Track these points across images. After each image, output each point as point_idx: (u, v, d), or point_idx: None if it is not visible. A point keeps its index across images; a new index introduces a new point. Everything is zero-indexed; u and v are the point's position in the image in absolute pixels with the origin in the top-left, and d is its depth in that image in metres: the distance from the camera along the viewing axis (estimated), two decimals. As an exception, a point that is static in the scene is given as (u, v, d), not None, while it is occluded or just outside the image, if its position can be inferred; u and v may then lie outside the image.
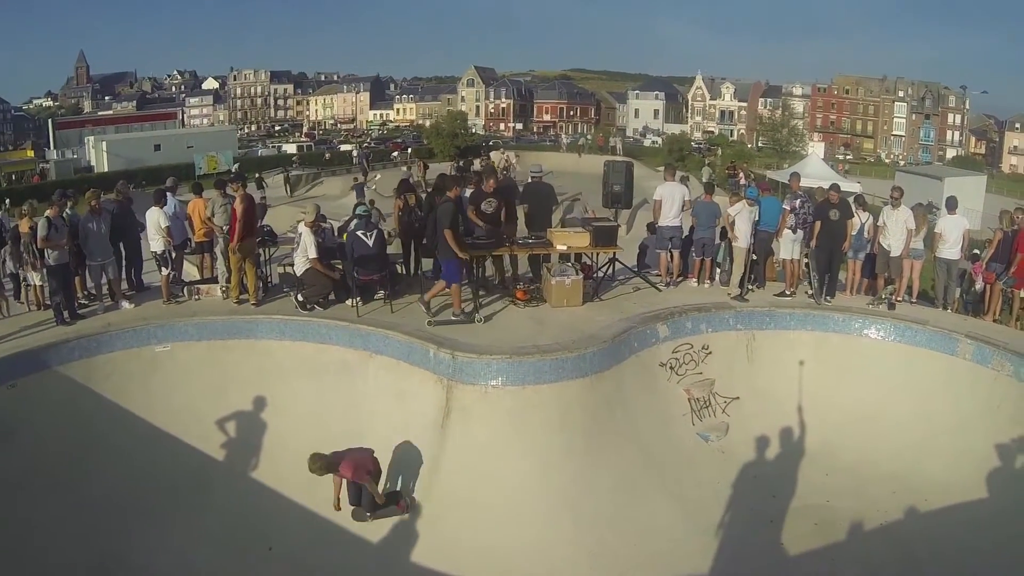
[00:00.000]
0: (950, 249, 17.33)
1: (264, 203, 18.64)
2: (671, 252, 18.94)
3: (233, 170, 61.95)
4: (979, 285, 18.55)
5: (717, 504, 14.02)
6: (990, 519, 13.00)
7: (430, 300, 16.06)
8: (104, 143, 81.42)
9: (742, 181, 51.06)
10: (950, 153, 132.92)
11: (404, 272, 18.42)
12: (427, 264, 18.23)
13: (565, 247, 17.32)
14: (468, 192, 17.79)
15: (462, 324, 15.58)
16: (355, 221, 16.82)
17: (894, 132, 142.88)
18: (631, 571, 12.64)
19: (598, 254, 18.24)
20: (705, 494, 14.29)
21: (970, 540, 12.67)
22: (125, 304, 16.66)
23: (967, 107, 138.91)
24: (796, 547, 13.17)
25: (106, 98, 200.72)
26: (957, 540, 12.76)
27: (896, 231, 17.38)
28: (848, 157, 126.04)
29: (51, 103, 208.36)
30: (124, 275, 17.62)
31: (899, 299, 17.53)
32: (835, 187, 18.06)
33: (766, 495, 14.32)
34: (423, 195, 18.65)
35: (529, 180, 19.37)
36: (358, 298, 16.28)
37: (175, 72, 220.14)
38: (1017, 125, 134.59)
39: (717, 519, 13.70)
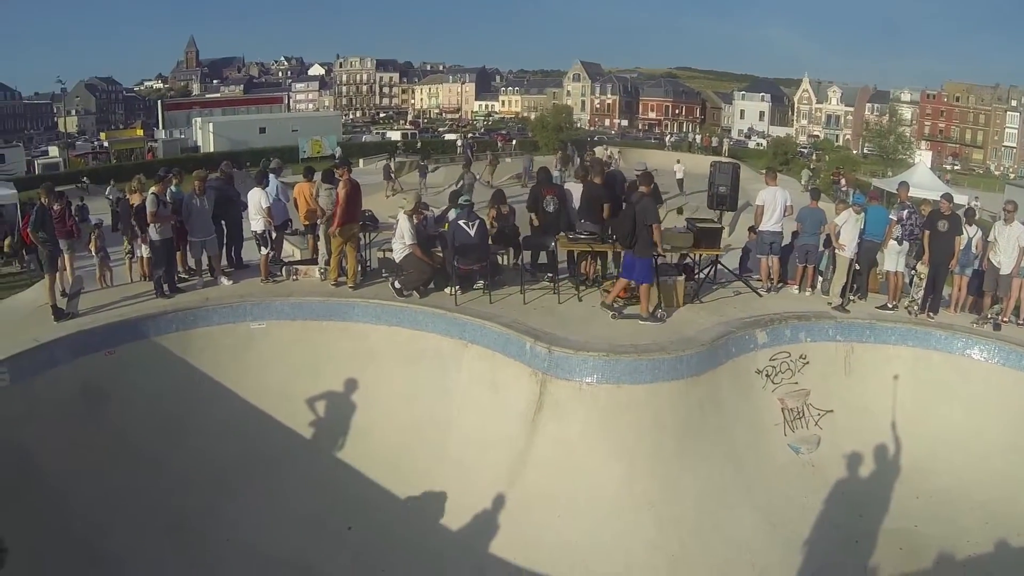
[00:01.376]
0: (1063, 271, 16.66)
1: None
2: (771, 257, 18.60)
3: (337, 155, 62.70)
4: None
5: (803, 519, 13.73)
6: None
7: (613, 301, 16.15)
8: (211, 124, 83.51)
9: (843, 187, 50.19)
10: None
11: (504, 263, 18.40)
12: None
13: (669, 247, 17.08)
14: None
15: (554, 319, 15.56)
16: (457, 211, 16.91)
17: (1005, 143, 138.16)
18: (711, 579, 12.47)
19: (700, 256, 18.01)
20: (792, 507, 14.01)
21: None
22: (224, 280, 17.01)
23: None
24: (881, 571, 12.87)
25: (214, 82, 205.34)
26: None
27: (1007, 248, 16.74)
28: (956, 167, 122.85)
29: (161, 85, 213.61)
30: (224, 252, 17.95)
31: (1006, 320, 16.92)
32: (947, 196, 17.56)
33: (853, 514, 13.96)
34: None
35: (634, 176, 19.19)
36: (457, 287, 16.36)
37: (282, 58, 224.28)
38: None
39: (802, 534, 13.41)
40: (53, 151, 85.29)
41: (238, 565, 12.26)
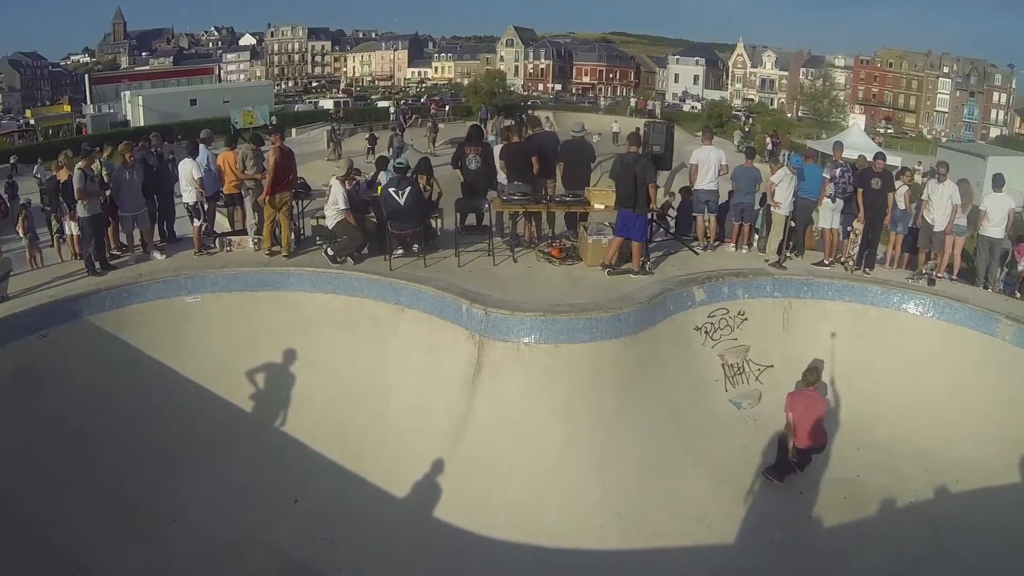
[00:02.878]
0: (994, 228, 16.95)
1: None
2: (708, 216, 18.66)
3: (270, 124, 62.15)
4: (1022, 266, 18.05)
5: (746, 472, 13.90)
6: (1021, 503, 12.85)
7: (612, 260, 16.28)
8: (140, 98, 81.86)
9: (769, 147, 50.61)
10: (993, 132, 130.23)
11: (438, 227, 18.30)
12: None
13: (603, 206, 17.03)
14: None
15: (490, 280, 15.52)
16: (387, 175, 16.77)
17: (937, 108, 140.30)
18: (658, 536, 12.58)
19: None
20: (735, 461, 14.18)
21: (999, 523, 12.50)
22: (157, 255, 16.66)
23: (1014, 86, 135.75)
24: (824, 520, 13.06)
25: (143, 54, 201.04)
26: (986, 523, 12.58)
27: (940, 205, 16.98)
28: (889, 131, 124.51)
29: (88, 59, 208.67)
30: (157, 226, 17.58)
31: (940, 275, 17.17)
32: (880, 155, 17.72)
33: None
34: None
35: (570, 137, 19.13)
36: (397, 251, 16.30)
37: (212, 28, 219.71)
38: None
39: (746, 487, 13.59)
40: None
41: (186, 543, 12.05)
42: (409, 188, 16.08)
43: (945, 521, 12.80)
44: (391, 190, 15.99)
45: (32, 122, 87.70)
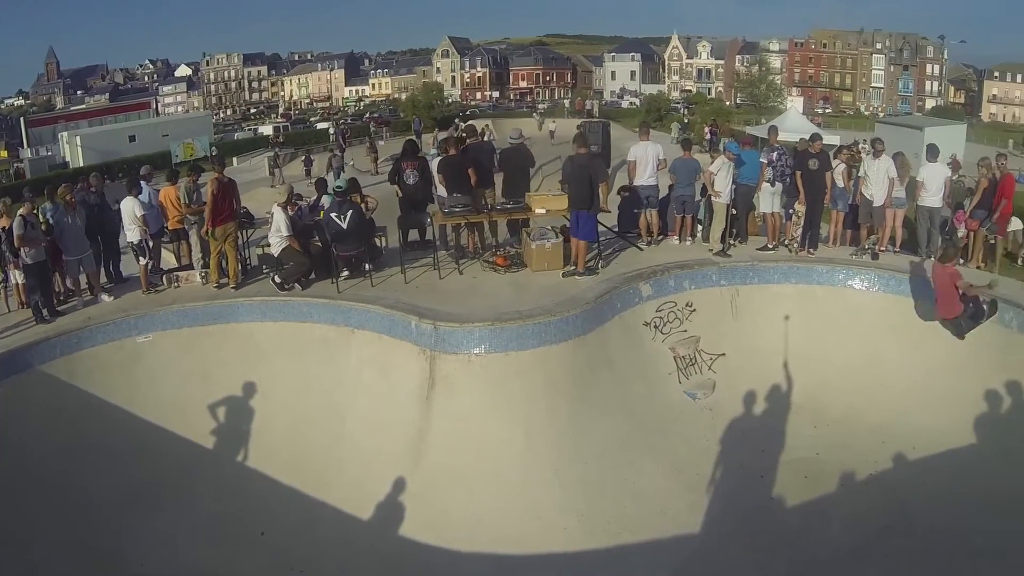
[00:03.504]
0: (932, 197, 17.22)
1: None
2: (649, 211, 18.84)
3: (211, 155, 61.85)
4: (961, 232, 18.40)
5: (706, 461, 14.04)
6: (978, 465, 13.05)
7: (583, 265, 16.52)
8: (78, 138, 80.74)
9: (708, 137, 51.07)
10: (929, 104, 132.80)
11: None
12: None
13: (544, 210, 17.19)
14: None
15: (437, 294, 15.62)
16: (327, 198, 16.88)
17: (873, 84, 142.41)
18: (623, 532, 12.67)
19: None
20: (694, 452, 14.32)
21: (959, 487, 12.71)
22: (104, 297, 16.46)
23: (945, 57, 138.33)
24: (787, 501, 13.23)
25: (78, 92, 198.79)
26: (946, 487, 12.80)
27: (878, 180, 17.20)
28: (827, 111, 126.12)
29: (22, 101, 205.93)
30: (103, 267, 17.43)
31: (882, 249, 17.46)
32: (816, 136, 17.92)
33: (755, 450, 14.34)
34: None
35: (508, 145, 19.28)
36: (343, 273, 16.35)
37: (147, 61, 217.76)
38: (996, 74, 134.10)
39: (707, 476, 13.73)
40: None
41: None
42: (351, 211, 16.12)
43: (905, 489, 13.05)
44: (332, 215, 16.03)
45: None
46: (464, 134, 20.21)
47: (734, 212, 17.95)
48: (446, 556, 12.33)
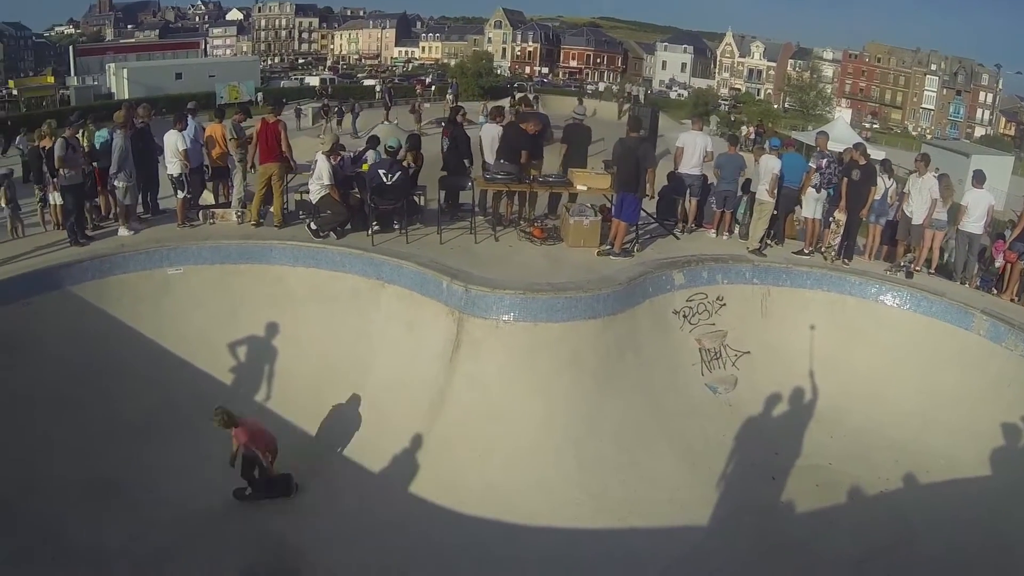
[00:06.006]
0: (974, 223, 17.00)
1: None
2: (690, 200, 18.83)
3: (255, 100, 62.26)
4: (999, 263, 18.19)
5: (720, 457, 14.00)
6: (989, 495, 12.96)
7: (619, 246, 16.51)
8: (125, 70, 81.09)
9: (752, 137, 50.74)
10: (979, 132, 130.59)
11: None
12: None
13: (585, 187, 17.18)
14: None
15: (471, 258, 15.64)
16: (373, 154, 16.92)
17: (923, 105, 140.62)
18: (631, 516, 12.66)
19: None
20: (709, 446, 14.28)
21: (967, 514, 12.62)
22: (123, 231, 16.34)
23: (1000, 87, 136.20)
24: (796, 506, 13.20)
25: (128, 27, 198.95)
26: (954, 514, 12.70)
27: (920, 199, 16.98)
28: (875, 126, 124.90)
29: (72, 31, 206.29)
30: (141, 197, 17.48)
31: (917, 268, 17.23)
32: (860, 146, 17.74)
33: (770, 452, 14.30)
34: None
35: (571, 121, 19.33)
36: (375, 225, 16.28)
37: (199, 2, 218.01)
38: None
39: (719, 471, 13.69)
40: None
41: (160, 516, 11.99)
42: (399, 173, 16.19)
43: (914, 511, 12.94)
44: (381, 171, 16.08)
45: (15, 92, 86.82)
46: (519, 106, 20.16)
47: (774, 212, 17.79)
48: (454, 519, 12.36)
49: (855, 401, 15.18)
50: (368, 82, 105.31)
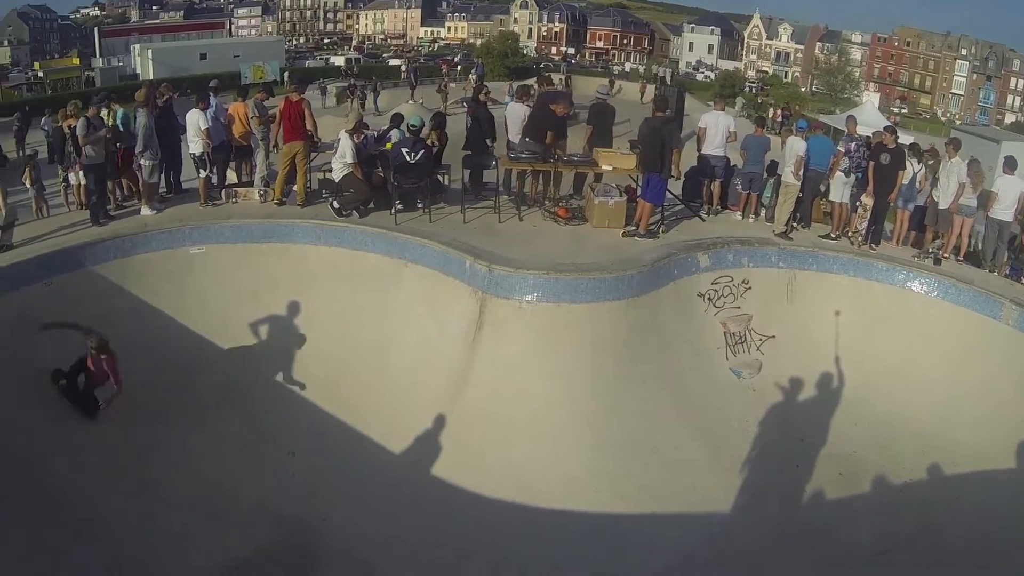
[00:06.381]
0: (1004, 210, 16.66)
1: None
2: (714, 181, 18.63)
3: (280, 80, 62.38)
4: (1029, 251, 17.88)
5: (744, 442, 13.92)
6: (1014, 487, 12.81)
7: (645, 227, 16.45)
8: (150, 51, 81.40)
9: (779, 119, 50.42)
10: (1009, 118, 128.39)
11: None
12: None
13: (611, 167, 17.08)
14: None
15: (494, 238, 15.57)
16: (397, 132, 16.91)
17: (953, 91, 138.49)
18: (651, 500, 12.62)
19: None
20: (732, 431, 14.20)
21: (992, 505, 12.49)
22: (145, 210, 16.27)
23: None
24: (818, 494, 13.11)
25: (153, 8, 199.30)
26: (979, 505, 12.55)
27: (946, 183, 16.76)
28: (903, 111, 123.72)
29: (98, 12, 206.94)
30: (163, 176, 17.42)
31: (945, 255, 16.95)
32: (891, 129, 17.48)
33: (794, 438, 14.17)
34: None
35: (595, 100, 19.18)
36: (398, 204, 16.23)
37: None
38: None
39: (742, 457, 13.61)
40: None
41: (181, 496, 11.99)
42: (423, 151, 16.12)
43: (937, 502, 12.79)
44: (404, 150, 16.02)
45: (41, 75, 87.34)
46: (542, 86, 20.08)
47: (800, 195, 17.59)
48: (474, 499, 12.35)
49: (880, 389, 14.99)
50: (394, 62, 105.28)
